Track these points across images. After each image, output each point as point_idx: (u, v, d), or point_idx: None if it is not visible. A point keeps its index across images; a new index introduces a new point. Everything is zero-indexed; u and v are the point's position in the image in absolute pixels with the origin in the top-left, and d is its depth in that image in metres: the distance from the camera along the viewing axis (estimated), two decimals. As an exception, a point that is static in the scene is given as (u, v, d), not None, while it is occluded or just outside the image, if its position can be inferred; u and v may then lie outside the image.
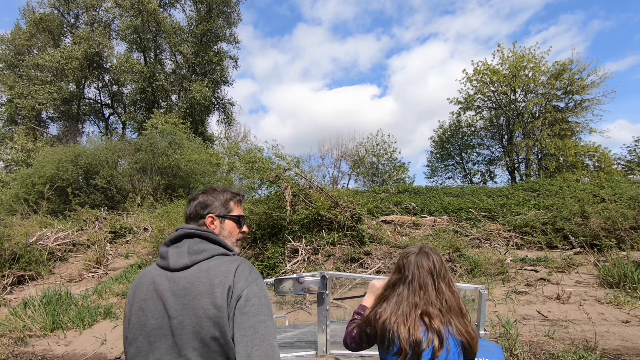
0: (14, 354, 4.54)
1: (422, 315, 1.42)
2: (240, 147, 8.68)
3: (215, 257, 1.25)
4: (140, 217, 11.50)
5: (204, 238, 1.29)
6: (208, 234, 1.30)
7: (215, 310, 1.11)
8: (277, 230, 7.55)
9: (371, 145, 22.84)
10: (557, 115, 18.55)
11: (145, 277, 1.25)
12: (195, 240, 1.27)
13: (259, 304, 1.16)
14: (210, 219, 1.39)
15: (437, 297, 1.45)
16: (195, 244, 1.26)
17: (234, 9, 23.51)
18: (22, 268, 7.67)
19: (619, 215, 6.65)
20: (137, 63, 21.26)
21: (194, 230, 1.30)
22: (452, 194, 12.01)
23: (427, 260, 1.53)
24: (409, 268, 1.53)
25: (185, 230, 1.30)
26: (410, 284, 1.50)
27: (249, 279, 1.19)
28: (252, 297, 1.16)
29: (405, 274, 1.53)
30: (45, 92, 19.67)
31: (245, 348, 1.08)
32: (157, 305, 1.18)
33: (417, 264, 1.53)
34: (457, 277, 5.80)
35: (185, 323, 1.12)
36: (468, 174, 23.71)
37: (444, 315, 1.42)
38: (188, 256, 1.23)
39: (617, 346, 3.61)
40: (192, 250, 1.24)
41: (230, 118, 26.14)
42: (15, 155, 18.81)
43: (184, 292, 1.16)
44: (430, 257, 1.54)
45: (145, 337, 1.16)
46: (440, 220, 8.76)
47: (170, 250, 1.26)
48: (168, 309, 1.15)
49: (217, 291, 1.14)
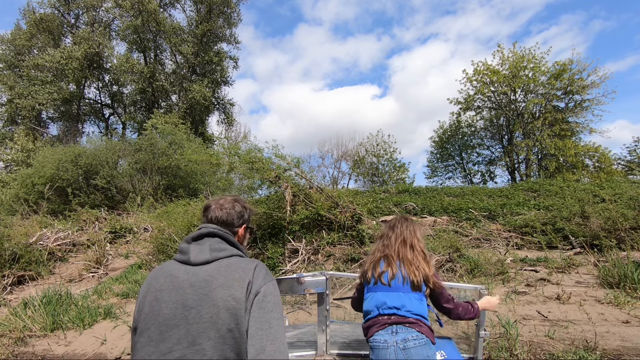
0: (14, 354, 4.54)
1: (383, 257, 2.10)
2: (240, 147, 8.69)
3: (234, 256, 1.32)
4: (140, 217, 11.50)
5: (224, 239, 1.37)
6: (228, 236, 1.39)
7: (234, 302, 1.16)
8: (277, 231, 7.55)
9: (371, 146, 22.87)
10: (557, 115, 18.56)
11: (162, 270, 1.31)
12: (216, 240, 1.35)
13: (275, 302, 1.23)
14: (244, 229, 1.52)
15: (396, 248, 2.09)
16: (216, 242, 1.34)
17: (234, 10, 23.53)
18: (22, 268, 7.67)
19: (619, 215, 6.64)
20: (137, 63, 21.26)
21: (217, 230, 1.37)
22: (452, 194, 12.00)
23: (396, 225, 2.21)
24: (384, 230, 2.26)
25: (209, 229, 1.37)
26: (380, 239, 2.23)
27: (266, 278, 1.28)
28: (269, 294, 1.23)
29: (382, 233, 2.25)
30: (46, 93, 19.66)
31: (260, 341, 1.13)
32: (172, 296, 1.21)
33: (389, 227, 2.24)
34: (457, 277, 5.80)
35: (203, 313, 1.16)
36: (468, 174, 23.71)
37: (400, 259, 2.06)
38: (210, 252, 1.29)
39: (617, 346, 3.61)
40: (214, 248, 1.32)
41: (230, 118, 26.15)
42: (15, 156, 18.81)
43: (203, 283, 1.21)
44: (399, 224, 2.20)
45: (157, 327, 1.18)
46: (441, 221, 8.76)
47: (192, 247, 1.32)
48: (186, 299, 1.19)
49: (237, 285, 1.20)
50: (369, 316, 1.97)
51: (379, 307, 1.94)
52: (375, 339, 1.88)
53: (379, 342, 1.86)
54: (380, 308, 1.93)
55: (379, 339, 1.86)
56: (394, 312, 1.90)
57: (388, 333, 1.86)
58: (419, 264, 2.01)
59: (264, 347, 1.12)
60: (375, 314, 1.94)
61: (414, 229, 2.18)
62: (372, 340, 1.89)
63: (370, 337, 1.90)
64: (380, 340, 1.86)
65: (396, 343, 1.82)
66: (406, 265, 2.00)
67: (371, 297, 2.00)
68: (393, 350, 1.80)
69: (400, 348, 1.80)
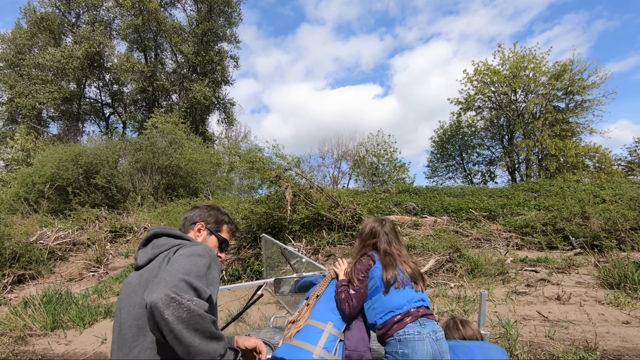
0: (14, 353, 4.55)
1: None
2: (240, 147, 8.69)
3: (175, 246, 1.32)
4: (140, 217, 11.51)
5: (169, 235, 1.38)
6: (173, 232, 1.40)
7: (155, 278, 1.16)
8: (277, 230, 7.55)
9: (371, 145, 22.86)
10: (557, 115, 18.53)
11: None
12: (161, 239, 1.37)
13: (186, 255, 1.18)
14: (200, 226, 1.51)
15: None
16: (160, 240, 1.36)
17: (235, 9, 23.54)
18: (22, 267, 7.67)
19: (619, 216, 6.64)
20: (138, 62, 21.26)
21: (160, 230, 1.40)
22: (453, 194, 11.99)
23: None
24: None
25: (153, 231, 1.41)
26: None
27: (185, 248, 1.25)
28: (181, 253, 1.20)
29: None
30: (46, 92, 19.67)
31: (156, 283, 1.05)
32: (122, 299, 1.28)
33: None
34: (458, 277, 5.80)
35: (135, 302, 1.20)
36: (468, 174, 23.68)
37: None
38: (151, 250, 1.33)
39: (617, 347, 3.61)
40: (156, 245, 1.34)
41: (230, 118, 26.15)
42: (16, 155, 18.82)
43: (145, 281, 1.23)
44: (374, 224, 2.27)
45: (116, 332, 1.26)
46: (441, 221, 8.75)
47: (139, 252, 1.38)
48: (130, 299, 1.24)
49: (162, 265, 1.22)
50: (398, 312, 1.92)
51: (410, 301, 1.94)
52: (407, 331, 1.84)
53: (412, 334, 1.83)
54: (411, 302, 1.94)
55: (412, 331, 1.83)
56: (422, 304, 1.95)
57: (417, 325, 1.86)
58: (413, 258, 2.15)
59: (160, 279, 1.05)
60: (407, 308, 1.92)
61: (394, 225, 2.27)
62: (404, 333, 1.84)
63: (400, 330, 1.86)
64: (413, 332, 1.83)
65: (429, 334, 1.83)
66: (409, 261, 2.08)
67: (396, 293, 1.96)
68: (429, 342, 1.81)
69: (433, 339, 1.82)
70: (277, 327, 2.58)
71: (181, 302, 0.96)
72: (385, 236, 2.16)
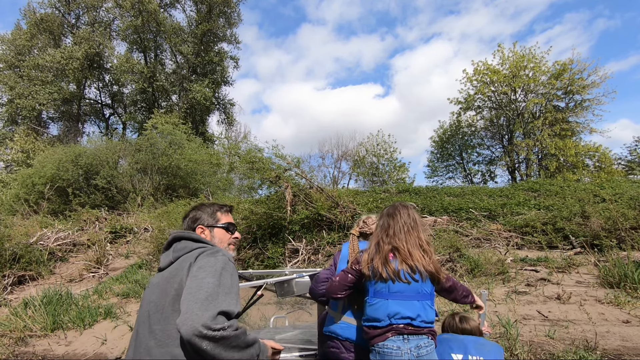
0: (14, 353, 4.55)
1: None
2: (240, 147, 8.70)
3: (195, 250, 1.42)
4: (140, 217, 11.51)
5: (188, 239, 1.49)
6: (192, 235, 1.51)
7: (178, 285, 1.27)
8: (277, 230, 7.55)
9: (371, 145, 22.87)
10: (557, 115, 18.52)
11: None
12: (181, 242, 1.48)
13: (209, 270, 1.25)
14: (200, 229, 1.60)
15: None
16: (180, 244, 1.47)
17: (235, 10, 23.53)
18: (22, 268, 7.68)
19: (619, 215, 6.63)
20: (138, 63, 21.27)
21: (180, 234, 1.51)
22: (453, 194, 11.98)
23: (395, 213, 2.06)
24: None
25: (174, 235, 1.52)
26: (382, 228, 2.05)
27: (205, 255, 1.33)
28: (204, 265, 1.28)
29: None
30: (46, 93, 19.67)
31: (186, 304, 1.14)
32: (145, 297, 1.41)
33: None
34: (458, 277, 5.80)
35: (158, 302, 1.30)
36: (468, 174, 23.68)
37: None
38: (172, 254, 1.44)
39: (617, 346, 3.61)
40: (177, 249, 1.46)
41: (230, 118, 26.16)
42: (16, 156, 18.82)
43: (164, 281, 1.35)
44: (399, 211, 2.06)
45: (136, 327, 1.38)
46: (441, 220, 8.75)
47: (162, 256, 1.51)
48: (152, 298, 1.35)
49: (184, 271, 1.31)
50: (377, 324, 1.82)
51: (390, 317, 1.80)
52: (386, 344, 1.76)
53: (390, 348, 1.75)
54: (392, 318, 1.79)
55: (391, 345, 1.76)
56: (409, 323, 1.79)
57: (400, 339, 1.77)
58: (431, 254, 1.91)
59: (189, 308, 1.12)
60: (386, 324, 1.79)
61: (416, 216, 2.04)
62: (382, 346, 1.77)
63: (380, 343, 1.78)
64: (392, 346, 1.75)
65: (410, 350, 1.74)
66: (419, 258, 1.88)
67: (380, 304, 1.83)
68: (407, 358, 1.73)
69: (414, 355, 1.74)
70: (277, 327, 2.58)
71: (214, 336, 1.06)
72: (391, 228, 2.07)
